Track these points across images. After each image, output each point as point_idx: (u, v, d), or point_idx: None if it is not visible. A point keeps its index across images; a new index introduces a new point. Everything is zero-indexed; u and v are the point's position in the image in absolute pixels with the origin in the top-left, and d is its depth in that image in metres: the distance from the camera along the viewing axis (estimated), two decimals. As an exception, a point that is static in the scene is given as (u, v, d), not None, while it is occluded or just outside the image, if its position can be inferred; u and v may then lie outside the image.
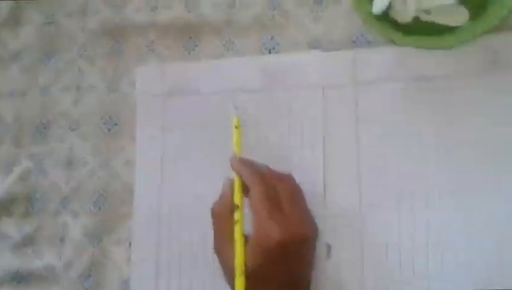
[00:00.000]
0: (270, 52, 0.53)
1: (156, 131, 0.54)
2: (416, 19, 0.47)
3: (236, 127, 0.46)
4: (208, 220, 0.45)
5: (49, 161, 0.57)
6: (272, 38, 0.53)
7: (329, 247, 0.47)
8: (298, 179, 0.47)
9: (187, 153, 0.53)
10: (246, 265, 0.41)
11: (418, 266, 0.45)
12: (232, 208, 0.43)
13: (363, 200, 0.48)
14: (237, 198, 0.43)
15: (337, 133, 0.50)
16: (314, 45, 0.52)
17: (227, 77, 0.53)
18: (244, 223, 0.42)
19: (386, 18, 0.46)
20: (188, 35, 0.56)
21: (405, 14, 0.46)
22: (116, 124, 0.56)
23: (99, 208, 0.54)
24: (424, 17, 0.47)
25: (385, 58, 0.49)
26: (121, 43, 0.57)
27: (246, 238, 0.42)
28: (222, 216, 0.44)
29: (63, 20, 0.60)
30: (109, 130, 0.56)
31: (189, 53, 0.55)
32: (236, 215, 0.42)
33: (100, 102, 0.57)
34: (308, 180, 0.48)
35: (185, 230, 0.51)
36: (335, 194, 0.49)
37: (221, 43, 0.54)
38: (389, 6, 0.46)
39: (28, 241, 0.56)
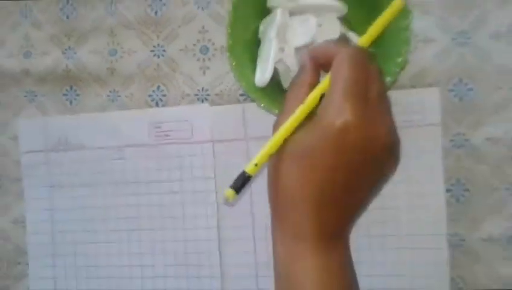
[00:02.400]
0: (157, 105, 0.50)
1: (43, 188, 0.52)
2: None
3: None
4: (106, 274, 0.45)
5: None
6: (158, 88, 0.51)
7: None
8: (192, 236, 0.48)
9: (76, 211, 0.52)
10: (286, 149, 0.35)
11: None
12: (312, 81, 0.36)
13: (257, 257, 0.49)
14: (315, 92, 0.36)
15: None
16: (202, 96, 0.50)
17: (114, 130, 0.51)
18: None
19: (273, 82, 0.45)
20: (69, 84, 0.52)
21: (288, 81, 0.45)
22: (-1, 181, 0.53)
23: (-9, 271, 0.53)
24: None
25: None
26: (-4, 92, 0.53)
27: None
28: (297, 88, 0.37)
29: None
30: (-8, 188, 0.53)
31: (70, 104, 0.52)
32: (309, 96, 0.35)
33: (-21, 158, 0.53)
34: (202, 238, 0.49)
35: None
36: (230, 251, 0.49)
37: (105, 94, 0.51)
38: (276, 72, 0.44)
39: None
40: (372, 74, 0.35)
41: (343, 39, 0.40)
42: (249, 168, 0.34)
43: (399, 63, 0.42)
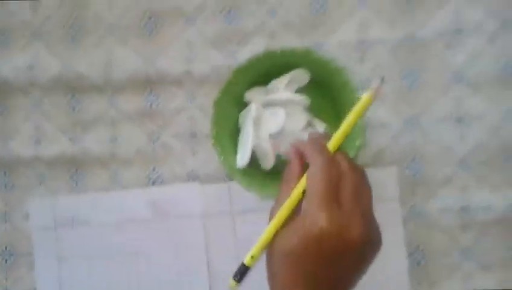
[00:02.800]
0: (154, 184, 0.57)
1: (52, 261, 0.58)
2: (279, 158, 0.53)
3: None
4: None
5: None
6: (154, 169, 0.58)
7: None
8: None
9: (83, 281, 0.57)
10: (275, 246, 0.39)
11: None
12: (300, 173, 0.40)
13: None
14: (296, 189, 0.40)
15: (220, 257, 0.56)
16: (193, 176, 0.57)
17: (116, 208, 0.58)
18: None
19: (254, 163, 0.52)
20: (75, 168, 0.59)
21: (266, 162, 0.52)
22: (12, 255, 0.59)
23: None
24: (286, 158, 0.53)
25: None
26: (10, 176, 0.60)
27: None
28: (287, 183, 0.41)
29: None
30: (6, 261, 0.59)
31: (76, 185, 0.59)
32: (294, 191, 0.40)
33: (-5, 234, 0.59)
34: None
35: None
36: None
37: (107, 176, 0.58)
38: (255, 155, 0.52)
39: None
40: (343, 172, 0.39)
41: (326, 135, 0.43)
42: (247, 261, 0.40)
43: (357, 146, 0.49)
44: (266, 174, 0.52)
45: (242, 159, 0.50)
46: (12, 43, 0.61)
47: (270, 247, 0.40)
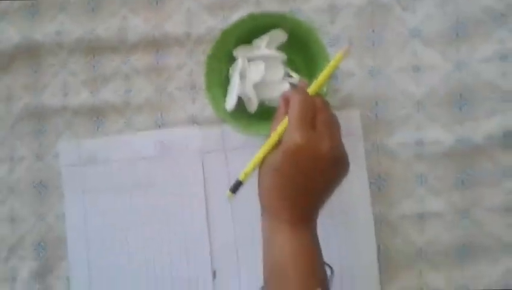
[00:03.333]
0: (160, 127, 0.69)
1: (78, 193, 0.70)
2: (262, 104, 0.64)
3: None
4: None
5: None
6: (161, 115, 0.69)
7: (214, 273, 0.66)
8: (187, 225, 0.66)
9: (104, 209, 0.69)
10: (264, 162, 0.49)
11: None
12: (286, 112, 0.50)
13: (237, 240, 0.66)
14: (280, 125, 0.50)
15: (215, 187, 0.67)
16: (193, 120, 0.68)
17: (130, 147, 0.69)
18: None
19: (241, 108, 0.62)
20: (96, 116, 0.71)
21: (251, 107, 0.63)
22: (45, 188, 0.71)
23: (39, 254, 0.71)
24: (267, 104, 0.64)
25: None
26: (42, 123, 0.72)
27: None
28: (276, 120, 0.51)
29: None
30: (40, 193, 0.72)
31: (97, 129, 0.71)
32: (278, 127, 0.50)
33: (30, 171, 0.72)
34: (193, 225, 0.67)
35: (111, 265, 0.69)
36: (217, 234, 0.67)
37: (122, 121, 0.70)
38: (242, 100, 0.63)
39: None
40: (319, 108, 0.49)
41: (306, 84, 0.53)
42: (241, 176, 0.51)
43: (324, 92, 0.59)
44: (251, 116, 0.63)
45: (229, 103, 0.61)
46: (43, 13, 0.73)
47: (261, 165, 0.51)
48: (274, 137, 0.51)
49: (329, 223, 0.63)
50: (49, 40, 0.71)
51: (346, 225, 0.64)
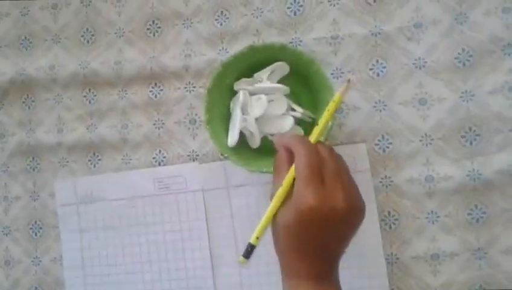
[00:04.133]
0: (159, 164, 0.67)
1: (75, 232, 0.68)
2: (265, 139, 0.62)
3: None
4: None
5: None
6: (160, 151, 0.67)
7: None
8: (191, 264, 0.64)
9: (102, 248, 0.67)
10: (277, 221, 0.46)
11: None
12: (288, 161, 0.47)
13: (242, 281, 0.64)
14: (287, 179, 0.47)
15: (218, 224, 0.65)
16: (193, 156, 0.66)
17: (127, 185, 0.67)
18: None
19: (243, 143, 0.60)
20: (92, 152, 0.69)
21: (253, 142, 0.61)
22: (41, 228, 0.69)
23: (36, 301, 0.68)
24: (270, 138, 0.62)
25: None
26: (37, 160, 0.70)
27: None
28: (278, 170, 0.49)
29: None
30: (36, 234, 0.69)
31: (94, 166, 0.68)
32: (284, 181, 0.47)
33: (25, 210, 0.69)
34: (198, 266, 0.65)
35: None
36: (221, 275, 0.64)
37: (120, 158, 0.68)
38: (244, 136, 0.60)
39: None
40: (324, 157, 0.46)
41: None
42: (253, 240, 0.48)
43: (328, 127, 0.56)
44: (253, 152, 0.61)
45: (231, 139, 0.59)
46: (35, 46, 0.71)
47: (272, 223, 0.48)
48: (281, 193, 0.48)
49: (340, 267, 0.60)
50: (43, 75, 0.69)
51: (357, 267, 0.61)
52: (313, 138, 0.50)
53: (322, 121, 0.50)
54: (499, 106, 0.59)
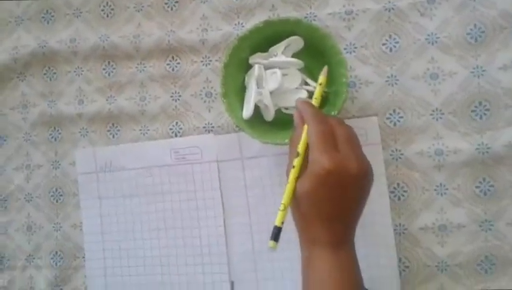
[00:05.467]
0: (176, 135, 0.69)
1: (94, 200, 0.70)
2: (279, 112, 0.63)
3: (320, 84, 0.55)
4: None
5: (11, 228, 0.73)
6: (176, 123, 0.69)
7: (232, 283, 0.66)
8: (205, 232, 0.66)
9: (120, 216, 0.70)
10: (297, 190, 0.48)
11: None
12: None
13: (255, 250, 0.66)
14: (301, 146, 0.50)
15: (232, 195, 0.67)
16: (208, 128, 0.68)
17: (145, 156, 0.69)
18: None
19: (258, 116, 0.62)
20: (111, 123, 0.71)
21: (268, 115, 0.62)
22: (62, 195, 0.72)
23: (56, 264, 0.71)
24: (284, 111, 0.63)
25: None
26: (58, 130, 0.72)
27: None
28: (293, 143, 0.51)
29: (8, 112, 0.74)
30: (57, 201, 0.72)
31: (113, 137, 0.71)
32: (295, 161, 0.49)
33: (47, 178, 0.72)
34: (212, 233, 0.67)
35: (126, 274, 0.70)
36: (234, 242, 0.67)
37: (138, 129, 0.70)
38: (259, 108, 0.62)
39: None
40: (335, 126, 0.49)
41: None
42: (278, 223, 0.49)
43: (343, 99, 0.58)
44: (267, 124, 0.62)
45: (246, 111, 0.60)
46: (57, 20, 0.73)
47: (293, 195, 0.50)
48: (298, 163, 0.50)
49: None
50: (64, 47, 0.71)
51: (366, 237, 0.62)
52: (315, 102, 0.54)
53: (317, 92, 0.55)
54: (509, 81, 0.60)
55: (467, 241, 0.61)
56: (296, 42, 0.61)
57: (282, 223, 0.49)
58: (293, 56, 0.62)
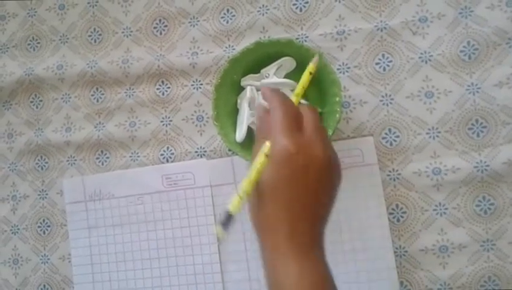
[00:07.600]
0: (167, 161, 0.67)
1: (83, 230, 0.68)
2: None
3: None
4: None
5: (-3, 261, 0.70)
6: (167, 148, 0.67)
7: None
8: (199, 260, 0.64)
9: (111, 246, 0.67)
10: (260, 183, 0.43)
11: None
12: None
13: (251, 276, 0.64)
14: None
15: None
16: (200, 153, 0.66)
17: (135, 183, 0.67)
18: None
19: (251, 138, 0.60)
20: (100, 150, 0.69)
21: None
22: (49, 226, 0.69)
23: (44, 299, 0.68)
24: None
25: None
26: (45, 159, 0.70)
27: None
28: (259, 131, 0.49)
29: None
30: (44, 232, 0.69)
31: (102, 164, 0.69)
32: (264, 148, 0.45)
33: (34, 209, 0.69)
34: (206, 261, 0.65)
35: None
36: (229, 270, 0.64)
37: (128, 155, 0.68)
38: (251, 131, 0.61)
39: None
40: (305, 113, 0.46)
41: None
42: (233, 207, 0.45)
43: (337, 118, 0.57)
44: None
45: (239, 134, 0.59)
46: (43, 47, 0.71)
47: (254, 191, 0.45)
48: (257, 147, 0.46)
49: (348, 260, 0.61)
50: (50, 74, 0.70)
51: (366, 261, 0.61)
52: (294, 99, 0.50)
53: (300, 83, 0.52)
54: (505, 98, 0.60)
55: (468, 262, 0.59)
56: (288, 63, 0.60)
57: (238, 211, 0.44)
58: (285, 77, 0.61)
